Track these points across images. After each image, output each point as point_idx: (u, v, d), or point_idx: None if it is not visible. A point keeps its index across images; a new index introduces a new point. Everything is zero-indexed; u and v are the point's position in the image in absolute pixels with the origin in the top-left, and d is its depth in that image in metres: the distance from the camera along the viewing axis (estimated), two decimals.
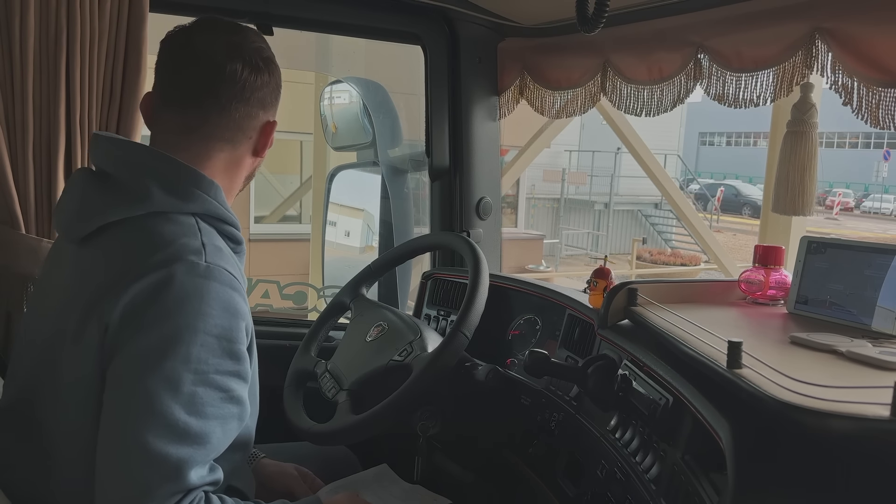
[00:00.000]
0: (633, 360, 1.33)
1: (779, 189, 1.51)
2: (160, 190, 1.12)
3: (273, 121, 1.26)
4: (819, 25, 1.38)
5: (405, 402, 1.44)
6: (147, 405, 1.02)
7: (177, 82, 1.20)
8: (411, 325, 1.63)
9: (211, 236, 1.14)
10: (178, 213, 1.13)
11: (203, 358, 1.05)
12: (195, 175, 1.16)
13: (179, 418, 1.02)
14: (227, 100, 1.18)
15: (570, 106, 2.04)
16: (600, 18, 1.20)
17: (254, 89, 1.20)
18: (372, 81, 2.37)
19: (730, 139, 38.39)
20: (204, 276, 1.07)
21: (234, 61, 1.17)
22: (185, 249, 1.08)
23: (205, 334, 1.05)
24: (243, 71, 1.18)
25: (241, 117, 1.20)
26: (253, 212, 10.87)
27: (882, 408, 0.86)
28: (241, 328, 1.11)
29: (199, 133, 1.19)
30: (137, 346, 1.04)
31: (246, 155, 1.25)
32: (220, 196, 1.19)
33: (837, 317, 1.32)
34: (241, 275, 1.17)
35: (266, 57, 1.23)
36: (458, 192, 2.21)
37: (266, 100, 1.23)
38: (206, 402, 1.05)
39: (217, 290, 1.08)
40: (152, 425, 1.02)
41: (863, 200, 31.09)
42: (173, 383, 1.03)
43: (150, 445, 1.01)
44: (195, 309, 1.05)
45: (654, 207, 21.10)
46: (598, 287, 1.55)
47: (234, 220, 1.21)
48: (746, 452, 0.92)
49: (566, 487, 1.44)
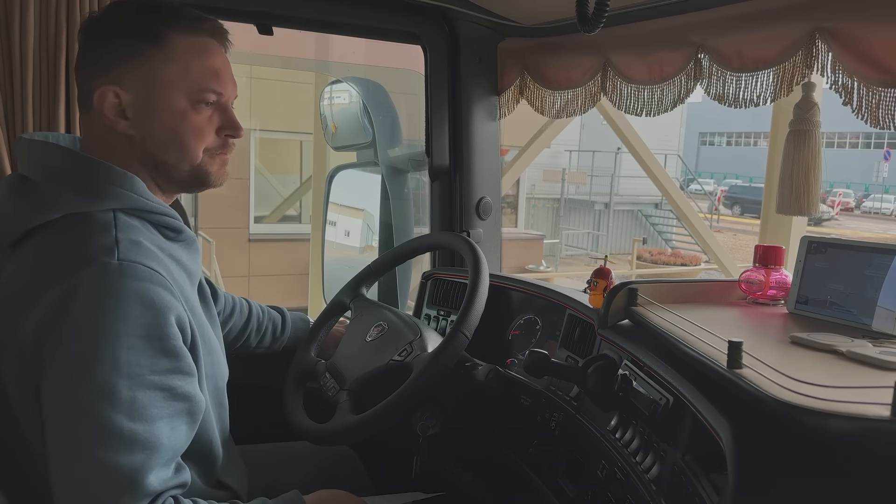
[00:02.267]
0: (633, 360, 1.33)
1: (783, 189, 1.51)
2: (72, 191, 1.08)
3: (109, 85, 1.11)
4: (819, 25, 1.38)
5: (405, 402, 1.44)
6: (87, 420, 0.98)
7: None
8: (411, 325, 1.63)
9: (129, 231, 1.08)
10: (95, 212, 1.08)
11: (134, 361, 1.00)
12: (106, 169, 1.10)
13: (123, 426, 0.98)
14: (78, 62, 1.16)
15: (570, 106, 2.03)
16: (600, 18, 1.20)
17: (87, 47, 1.14)
18: (372, 81, 2.37)
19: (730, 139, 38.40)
20: (116, 276, 1.01)
21: (90, 23, 1.16)
22: (94, 250, 1.03)
23: (129, 336, 1.00)
24: (83, 30, 1.16)
25: (80, 81, 1.15)
26: (253, 212, 10.89)
27: (882, 408, 0.86)
28: (168, 323, 1.04)
29: (80, 112, 1.18)
30: (62, 360, 1.00)
31: (103, 129, 1.13)
32: (139, 187, 1.11)
33: (838, 317, 1.32)
34: (171, 269, 1.11)
35: (106, 12, 1.17)
36: (458, 192, 2.21)
37: (98, 61, 1.12)
38: (147, 404, 1.01)
39: (133, 287, 1.02)
40: (97, 439, 0.97)
41: (863, 200, 31.11)
42: (108, 393, 0.98)
43: (99, 460, 0.97)
44: (113, 312, 1.00)
45: (655, 207, 21.11)
46: (598, 287, 1.55)
47: (163, 209, 1.14)
48: (747, 452, 0.92)
49: (566, 487, 1.44)
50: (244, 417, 1.46)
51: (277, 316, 1.77)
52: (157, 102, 1.13)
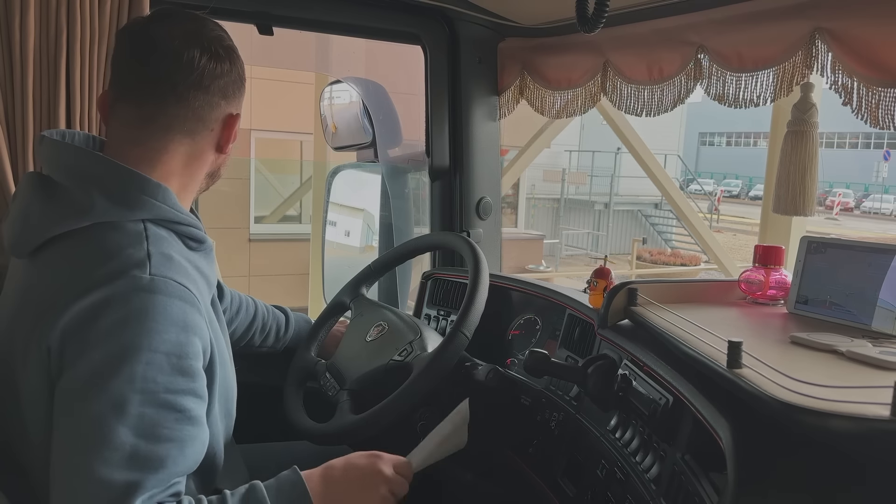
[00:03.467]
0: (633, 360, 1.33)
1: (779, 189, 1.51)
2: (104, 198, 1.07)
3: (236, 114, 1.19)
4: (819, 25, 1.38)
5: (405, 401, 1.44)
6: (93, 430, 0.96)
7: (132, 72, 1.14)
8: (411, 324, 1.63)
9: (161, 244, 1.08)
10: (126, 221, 1.07)
11: (150, 377, 0.99)
12: (140, 179, 1.10)
13: (126, 441, 0.96)
14: (185, 88, 1.12)
15: (570, 106, 2.04)
16: (600, 18, 1.20)
17: (213, 77, 1.14)
18: (372, 81, 2.37)
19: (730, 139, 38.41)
20: (148, 291, 1.01)
21: (192, 48, 1.12)
22: (127, 262, 1.02)
23: (151, 352, 0.99)
24: (201, 58, 1.12)
25: (200, 107, 1.14)
26: (253, 212, 10.89)
27: (882, 408, 0.86)
28: (193, 343, 1.04)
29: (157, 124, 1.13)
30: (80, 369, 0.99)
31: (208, 149, 1.19)
32: (171, 199, 1.12)
33: (838, 317, 1.32)
34: (198, 283, 1.11)
35: (227, 45, 1.17)
36: (458, 192, 2.21)
37: (228, 90, 1.17)
38: (157, 423, 0.99)
39: (164, 303, 1.01)
40: (98, 451, 0.96)
41: (863, 201, 31.12)
42: (119, 405, 0.97)
43: (95, 472, 0.95)
44: (139, 326, 0.99)
45: (654, 207, 21.12)
46: (598, 287, 1.55)
47: (190, 220, 1.15)
48: (747, 452, 0.92)
49: (566, 487, 1.44)
50: (244, 417, 1.46)
51: (281, 316, 1.78)
52: (237, 131, 1.22)
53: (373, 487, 1.17)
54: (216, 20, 1.21)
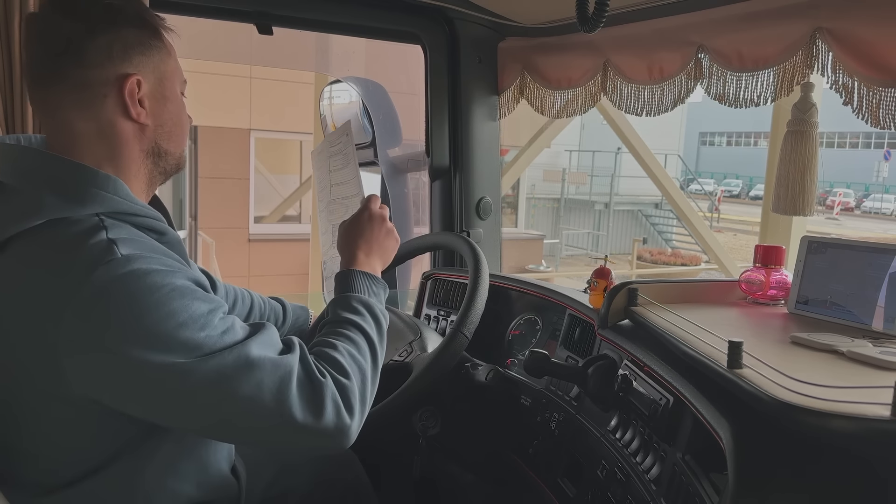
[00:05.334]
0: (633, 360, 1.33)
1: (779, 189, 1.51)
2: (54, 195, 1.04)
3: (132, 73, 1.10)
4: (819, 25, 1.38)
5: (405, 402, 1.44)
6: (194, 367, 0.98)
7: (25, 60, 1.14)
8: (411, 325, 1.63)
9: (120, 231, 1.05)
10: (79, 216, 1.05)
11: (183, 307, 1.00)
12: (87, 172, 1.07)
13: (212, 340, 1.00)
14: (57, 58, 1.07)
15: (570, 106, 2.04)
16: (600, 18, 1.19)
17: (83, 39, 1.08)
18: (372, 81, 2.37)
19: (730, 139, 38.41)
20: (127, 264, 1.00)
21: (54, 15, 1.08)
22: (95, 252, 1.00)
23: (167, 298, 0.99)
24: (64, 22, 1.08)
25: (79, 73, 1.09)
26: (253, 212, 10.89)
27: (882, 408, 0.86)
28: (192, 277, 1.05)
29: (55, 107, 1.09)
30: (118, 360, 0.97)
31: (116, 119, 1.11)
32: (122, 190, 1.09)
33: (838, 317, 1.32)
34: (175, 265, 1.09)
35: (106, 4, 1.10)
36: (458, 192, 2.21)
37: (112, 49, 1.09)
38: (232, 326, 1.04)
39: (146, 267, 1.01)
40: (218, 365, 0.99)
41: (863, 200, 31.12)
42: (188, 341, 0.99)
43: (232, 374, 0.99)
44: (141, 290, 0.98)
45: (655, 207, 21.13)
46: (598, 287, 1.55)
47: (147, 211, 1.11)
48: (747, 452, 0.92)
49: (566, 487, 1.44)
50: None
51: (278, 306, 1.77)
52: (166, 93, 1.16)
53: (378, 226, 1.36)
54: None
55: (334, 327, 1.19)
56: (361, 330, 1.19)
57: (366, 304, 1.23)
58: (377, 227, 1.36)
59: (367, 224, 1.36)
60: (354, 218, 1.38)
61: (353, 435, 1.09)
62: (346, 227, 1.38)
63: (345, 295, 1.24)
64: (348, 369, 1.11)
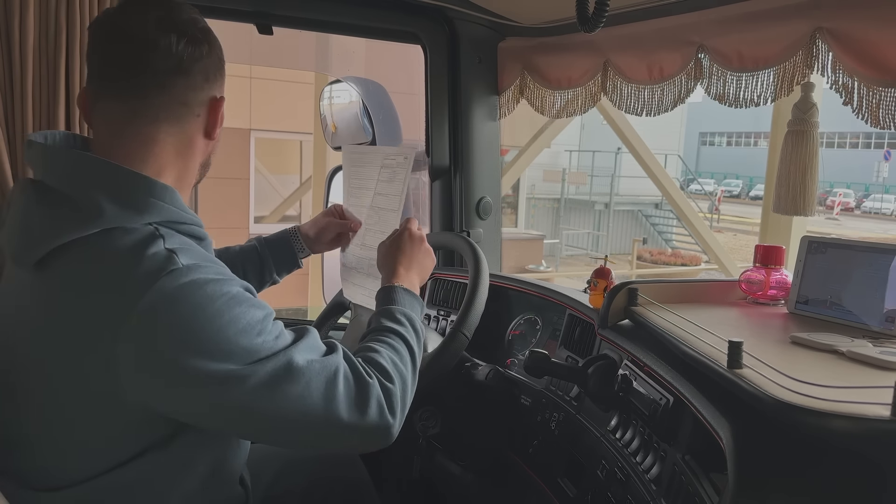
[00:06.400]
0: (633, 360, 1.33)
1: (780, 189, 1.51)
2: (112, 203, 1.04)
3: (220, 97, 1.18)
4: (819, 25, 1.38)
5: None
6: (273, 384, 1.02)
7: (109, 66, 1.11)
8: None
9: (174, 240, 1.07)
10: (136, 225, 1.05)
11: (239, 315, 1.03)
12: (148, 183, 1.08)
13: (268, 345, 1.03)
14: (166, 75, 1.10)
15: (570, 106, 2.04)
16: (600, 18, 1.20)
17: (193, 61, 1.12)
18: (372, 81, 2.37)
19: (730, 139, 38.41)
20: (188, 274, 1.01)
21: (168, 33, 1.10)
22: (156, 262, 1.01)
23: (226, 306, 1.02)
24: (178, 42, 1.10)
25: (183, 93, 1.12)
26: (253, 212, 10.89)
27: (882, 408, 0.86)
28: (243, 286, 1.09)
29: (143, 117, 1.11)
30: (179, 368, 0.98)
31: (197, 137, 1.17)
32: (177, 200, 1.11)
33: (838, 317, 1.32)
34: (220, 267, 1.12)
35: (202, 27, 1.15)
36: (458, 192, 2.21)
37: (209, 72, 1.15)
38: (279, 331, 1.07)
39: (205, 277, 1.02)
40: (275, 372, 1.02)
41: (863, 201, 31.11)
42: (244, 347, 1.01)
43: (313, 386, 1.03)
44: (202, 302, 1.00)
45: (655, 207, 21.13)
46: (598, 287, 1.55)
47: (192, 219, 1.13)
48: (747, 452, 0.92)
49: (566, 487, 1.44)
50: None
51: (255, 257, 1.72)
52: (223, 114, 1.21)
53: (417, 246, 1.44)
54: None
55: (378, 335, 1.25)
56: (404, 340, 1.24)
57: (408, 317, 1.29)
58: (416, 246, 1.44)
59: (407, 243, 1.43)
60: (395, 238, 1.45)
61: (395, 434, 1.13)
62: (387, 246, 1.45)
63: (388, 307, 1.31)
64: (392, 374, 1.15)
